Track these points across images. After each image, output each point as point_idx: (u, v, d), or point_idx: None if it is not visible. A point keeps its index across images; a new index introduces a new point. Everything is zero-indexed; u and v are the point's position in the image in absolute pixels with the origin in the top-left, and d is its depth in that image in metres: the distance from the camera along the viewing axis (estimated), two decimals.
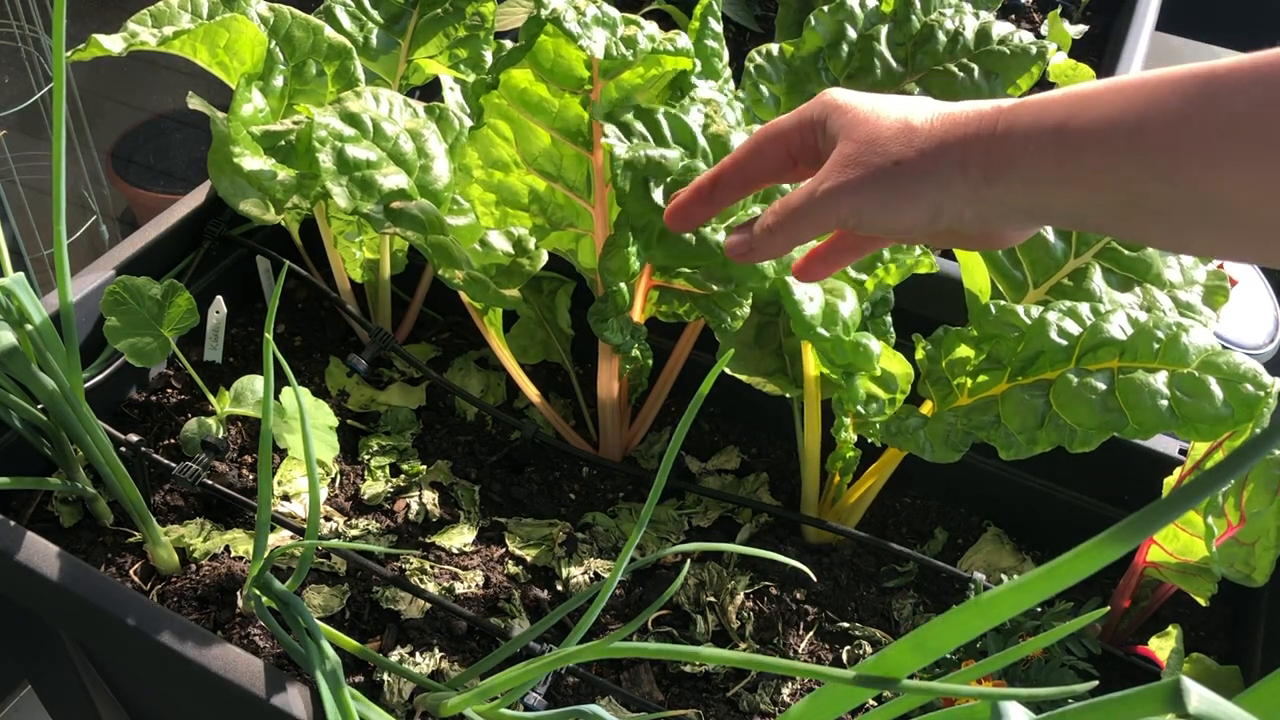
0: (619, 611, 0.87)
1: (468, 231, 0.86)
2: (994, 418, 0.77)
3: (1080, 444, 0.74)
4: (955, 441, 0.79)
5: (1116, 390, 0.72)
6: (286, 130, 0.84)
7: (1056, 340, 0.75)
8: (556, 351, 1.05)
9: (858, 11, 0.84)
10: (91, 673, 0.90)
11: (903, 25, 0.84)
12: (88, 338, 0.93)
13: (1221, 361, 0.71)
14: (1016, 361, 0.77)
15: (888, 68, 0.83)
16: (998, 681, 0.73)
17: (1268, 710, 0.33)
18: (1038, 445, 0.76)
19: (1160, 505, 0.32)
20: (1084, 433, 0.74)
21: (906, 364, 0.83)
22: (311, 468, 0.68)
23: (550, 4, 0.72)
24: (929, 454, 0.80)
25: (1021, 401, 0.76)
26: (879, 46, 0.83)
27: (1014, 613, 0.36)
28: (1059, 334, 0.75)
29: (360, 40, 1.01)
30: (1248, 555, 0.80)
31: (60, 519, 0.89)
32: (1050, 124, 0.49)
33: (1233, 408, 0.69)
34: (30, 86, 1.99)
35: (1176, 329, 0.72)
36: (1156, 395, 0.71)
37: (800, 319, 0.74)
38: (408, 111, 0.84)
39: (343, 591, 0.85)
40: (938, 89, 0.82)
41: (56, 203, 0.73)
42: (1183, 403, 0.70)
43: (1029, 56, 0.82)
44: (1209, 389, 0.70)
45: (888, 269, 0.83)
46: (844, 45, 0.83)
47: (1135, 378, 0.72)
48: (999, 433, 0.77)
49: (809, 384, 0.86)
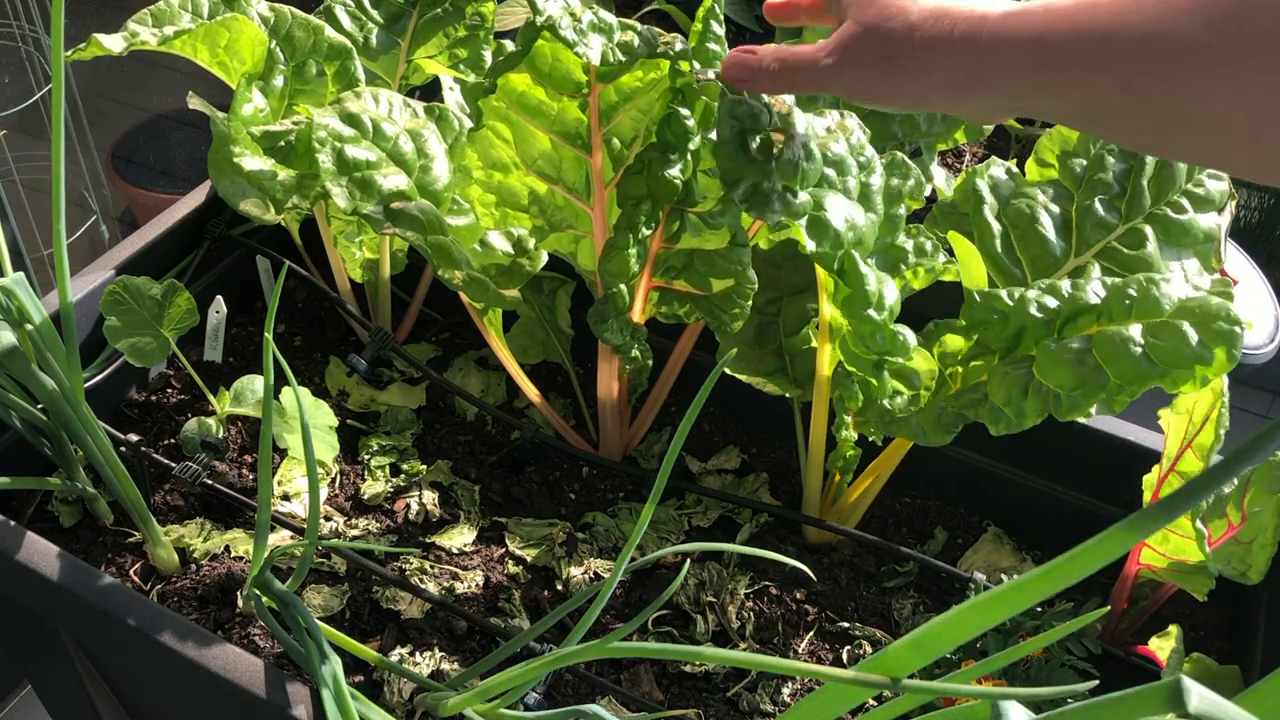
0: (619, 611, 0.87)
1: (467, 232, 0.86)
2: (981, 395, 0.78)
3: (1068, 410, 0.73)
4: (946, 423, 0.80)
5: (1093, 348, 0.72)
6: (286, 131, 0.84)
7: (1036, 315, 0.75)
8: (556, 351, 1.05)
9: None
10: (91, 673, 0.90)
11: None
12: (88, 338, 0.93)
13: (1194, 305, 0.70)
14: (1002, 343, 0.77)
15: None
16: (998, 681, 0.73)
17: (1268, 710, 0.33)
18: (1026, 417, 0.75)
19: (1160, 505, 0.32)
20: (1068, 396, 0.73)
21: (931, 360, 0.83)
22: (311, 468, 0.68)
23: (546, 10, 0.72)
24: (922, 438, 0.81)
25: (1005, 375, 0.76)
26: None
27: (1014, 613, 0.36)
28: (1039, 309, 0.75)
29: (360, 40, 1.01)
30: (1244, 553, 0.80)
31: (60, 519, 0.89)
32: (1027, 37, 0.54)
33: (1209, 348, 0.69)
34: (30, 86, 1.99)
35: (1147, 282, 0.72)
36: (1129, 343, 0.70)
37: (862, 294, 0.74)
38: (407, 112, 0.84)
39: (343, 591, 0.85)
40: None
41: (56, 203, 0.73)
42: (1158, 348, 0.69)
43: None
44: (1183, 331, 0.69)
45: (915, 273, 0.83)
46: None
47: (1109, 331, 0.72)
48: (986, 409, 0.77)
49: (820, 383, 0.86)
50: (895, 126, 0.93)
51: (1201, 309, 0.70)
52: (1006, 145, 1.34)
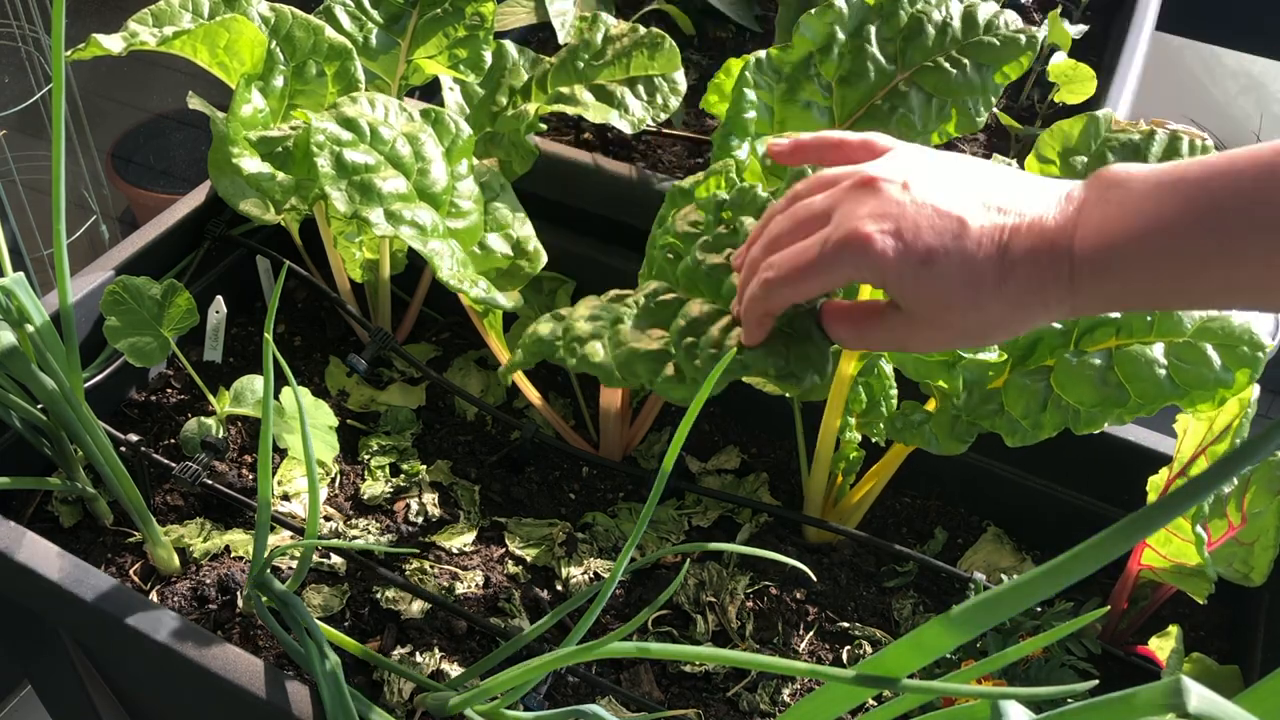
0: (619, 611, 0.87)
1: (467, 234, 0.86)
2: (997, 406, 0.77)
3: (1085, 424, 0.74)
4: (960, 432, 0.79)
5: (1115, 365, 0.72)
6: (283, 136, 0.84)
7: (1054, 325, 0.75)
8: None
9: (845, 11, 0.83)
10: (91, 673, 0.90)
11: (890, 19, 0.83)
12: (88, 338, 0.93)
13: (1216, 327, 0.70)
14: (1017, 351, 0.77)
15: (879, 68, 0.82)
16: (998, 681, 0.73)
17: (1268, 710, 0.33)
18: (1043, 430, 0.75)
19: (1160, 505, 0.32)
20: (1087, 412, 0.73)
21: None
22: (311, 468, 0.68)
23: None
24: (935, 446, 0.80)
25: (1023, 387, 0.76)
26: (870, 48, 0.82)
27: (1014, 613, 0.36)
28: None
29: (360, 40, 1.01)
30: (1246, 555, 0.80)
31: (60, 519, 0.89)
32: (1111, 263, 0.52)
33: (1231, 371, 0.69)
34: (30, 86, 1.99)
35: None
36: (1154, 365, 0.70)
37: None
38: (403, 116, 0.84)
39: (343, 591, 0.85)
40: (931, 85, 0.82)
41: (56, 203, 0.73)
42: (1181, 370, 0.70)
43: (1017, 46, 0.82)
44: (1205, 354, 0.69)
45: None
46: (834, 48, 0.82)
47: (1132, 350, 0.72)
48: (1003, 420, 0.77)
49: (839, 381, 0.85)
50: (891, 128, 0.93)
51: (1224, 330, 0.70)
52: (1007, 144, 1.34)
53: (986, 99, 0.82)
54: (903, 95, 0.81)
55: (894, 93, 0.82)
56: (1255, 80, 2.49)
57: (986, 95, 0.82)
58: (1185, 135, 0.76)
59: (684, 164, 1.24)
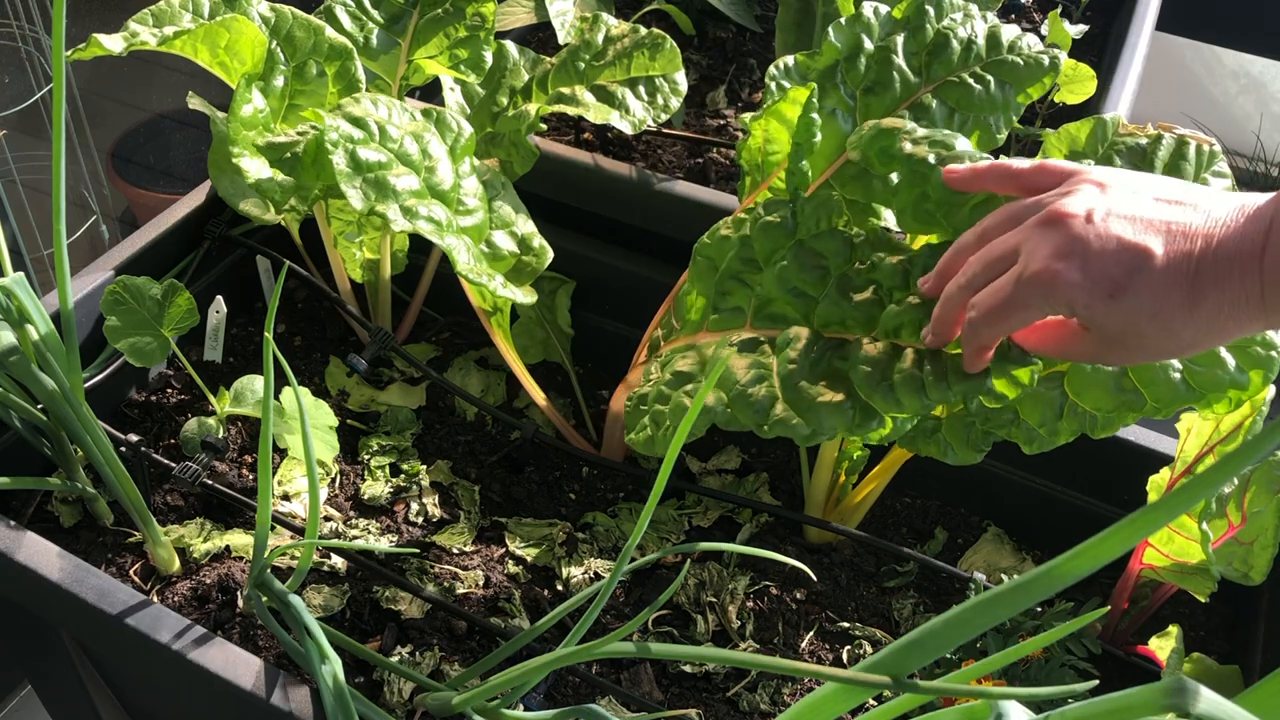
0: (619, 611, 0.87)
1: (475, 231, 0.86)
2: (1012, 414, 0.77)
3: (1102, 429, 0.74)
4: (975, 441, 0.79)
5: (1129, 370, 0.72)
6: (291, 142, 0.83)
7: None
8: (556, 351, 1.05)
9: (874, 22, 0.84)
10: (91, 673, 0.90)
11: (917, 33, 0.83)
12: (88, 338, 0.93)
13: None
14: None
15: (905, 79, 0.82)
16: (998, 681, 0.73)
17: (1268, 710, 0.33)
18: (1060, 436, 0.76)
19: (1160, 505, 0.32)
20: (1104, 417, 0.74)
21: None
22: (311, 468, 0.68)
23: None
24: (950, 457, 0.80)
25: (1038, 395, 0.76)
26: (896, 59, 0.82)
27: (1014, 613, 0.36)
28: None
29: (360, 40, 1.01)
30: (1246, 554, 0.80)
31: (60, 519, 0.89)
32: None
33: (1245, 372, 0.69)
34: (30, 86, 1.99)
35: None
36: (1168, 369, 0.71)
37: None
38: (405, 115, 0.84)
39: (343, 591, 0.85)
40: (954, 99, 0.82)
41: (56, 203, 0.73)
42: (1195, 373, 0.70)
43: (1041, 68, 0.82)
44: (1220, 356, 0.70)
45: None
46: (861, 58, 0.83)
47: None
48: (1019, 429, 0.77)
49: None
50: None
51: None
52: (1008, 144, 1.34)
53: (1008, 116, 0.82)
54: (926, 108, 0.82)
55: (918, 105, 0.82)
56: (1255, 80, 2.50)
57: (1008, 113, 0.82)
58: (1192, 140, 0.76)
59: (684, 164, 1.24)
